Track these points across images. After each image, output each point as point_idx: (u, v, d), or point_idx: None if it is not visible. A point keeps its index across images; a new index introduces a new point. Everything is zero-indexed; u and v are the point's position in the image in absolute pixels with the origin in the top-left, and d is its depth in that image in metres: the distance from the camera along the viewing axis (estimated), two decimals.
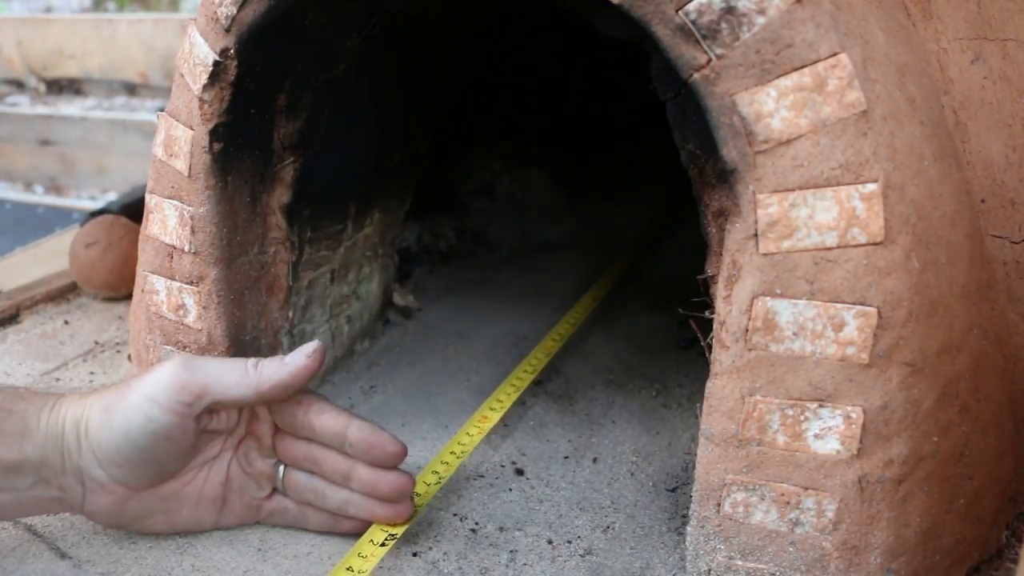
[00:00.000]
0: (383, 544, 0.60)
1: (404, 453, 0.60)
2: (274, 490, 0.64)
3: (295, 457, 0.62)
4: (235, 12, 0.63)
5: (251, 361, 0.59)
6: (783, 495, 0.54)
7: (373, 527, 0.61)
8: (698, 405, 0.58)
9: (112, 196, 1.64)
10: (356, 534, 0.61)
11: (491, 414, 0.74)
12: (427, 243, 1.15)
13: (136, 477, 0.58)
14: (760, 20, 0.49)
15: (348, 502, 0.61)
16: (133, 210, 1.02)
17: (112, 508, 0.59)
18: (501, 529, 0.66)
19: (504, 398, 0.77)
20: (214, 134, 0.67)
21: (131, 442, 0.56)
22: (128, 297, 0.98)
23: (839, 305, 0.51)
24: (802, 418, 0.53)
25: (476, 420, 0.73)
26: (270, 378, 0.58)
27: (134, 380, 0.58)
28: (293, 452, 0.62)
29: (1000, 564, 0.60)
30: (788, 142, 0.50)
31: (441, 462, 0.68)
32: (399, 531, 0.61)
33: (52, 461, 0.56)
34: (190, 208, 0.69)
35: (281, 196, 0.74)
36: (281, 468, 0.63)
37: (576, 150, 1.41)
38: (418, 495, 0.64)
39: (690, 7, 0.50)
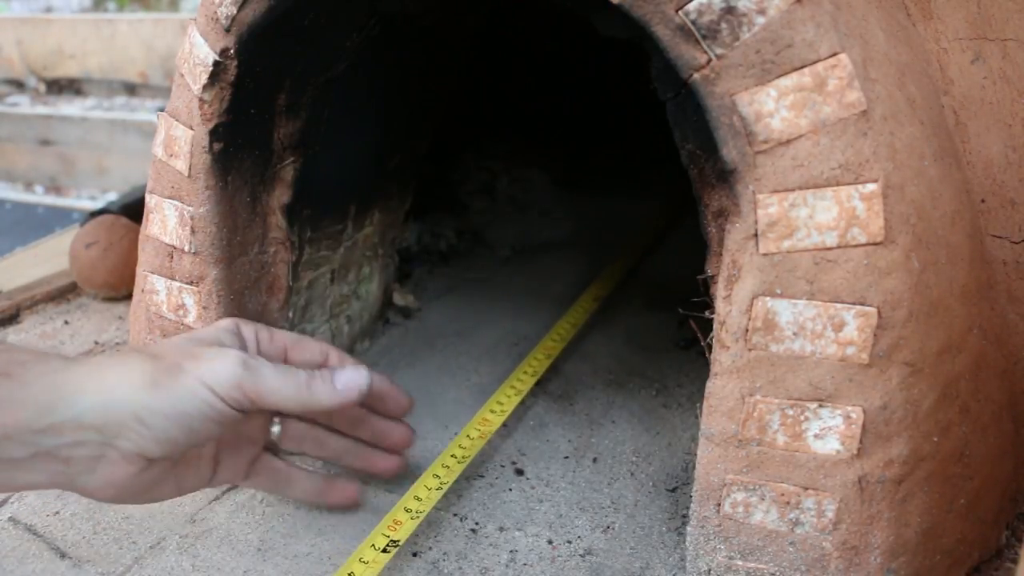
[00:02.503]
0: (385, 550, 0.59)
1: (413, 404, 0.67)
2: (264, 450, 0.63)
3: None
4: (235, 12, 0.63)
5: (303, 377, 0.58)
6: (783, 495, 0.54)
7: (375, 532, 0.61)
8: (698, 405, 0.58)
9: (112, 196, 1.64)
10: (341, 507, 0.62)
11: (492, 417, 0.74)
12: (427, 243, 1.15)
13: (167, 451, 0.56)
14: (760, 20, 0.49)
15: (347, 451, 0.62)
16: (133, 210, 1.02)
17: (127, 480, 0.56)
18: (501, 529, 0.66)
19: (505, 400, 0.77)
20: (214, 134, 0.67)
21: (184, 425, 0.54)
22: (128, 297, 0.98)
23: (839, 305, 0.51)
24: (802, 418, 0.53)
25: (477, 423, 0.73)
26: (320, 401, 0.58)
27: (185, 360, 0.56)
28: None
29: (1000, 564, 0.60)
30: (788, 142, 0.50)
31: (443, 466, 0.68)
32: (401, 537, 0.61)
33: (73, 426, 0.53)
34: (190, 208, 0.69)
35: (281, 196, 0.74)
36: (277, 422, 0.63)
37: (576, 149, 1.41)
38: (419, 500, 0.64)
39: (690, 7, 0.50)
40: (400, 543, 0.60)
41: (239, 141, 0.69)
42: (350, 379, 0.60)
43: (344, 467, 0.62)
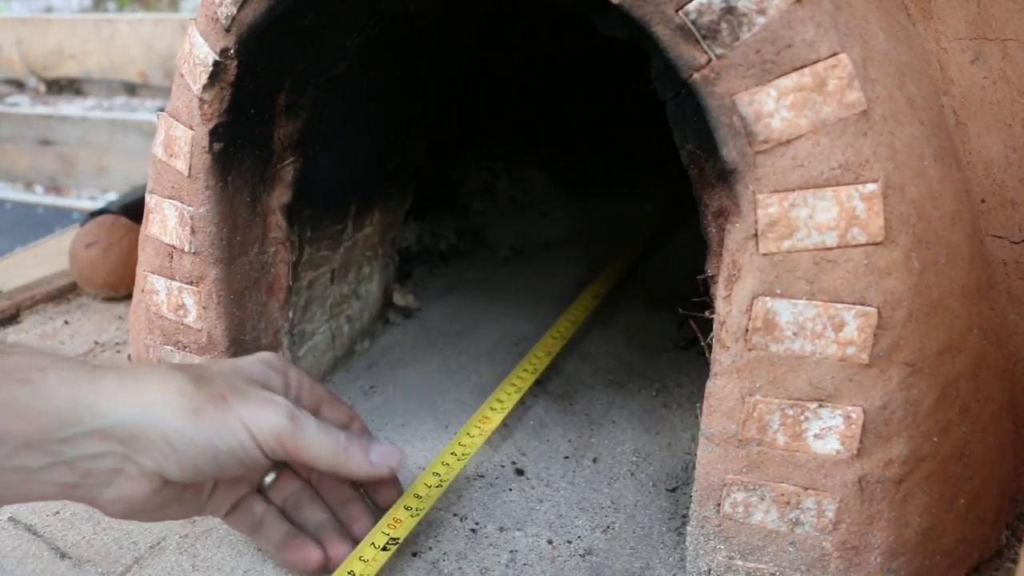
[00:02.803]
0: (385, 548, 0.59)
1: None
2: (250, 492, 0.62)
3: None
4: (235, 12, 0.63)
5: (342, 439, 0.58)
6: (783, 495, 0.54)
7: (374, 529, 0.61)
8: (698, 405, 0.58)
9: (112, 196, 1.64)
10: (296, 567, 0.60)
11: (492, 415, 0.74)
12: (427, 243, 1.15)
13: (187, 477, 0.55)
14: (760, 20, 0.49)
15: (317, 524, 0.61)
16: (133, 210, 1.02)
17: (141, 497, 0.55)
18: (501, 529, 0.66)
19: (505, 398, 0.77)
20: (214, 134, 0.67)
21: (212, 458, 0.54)
22: (128, 297, 0.98)
23: (839, 305, 0.51)
24: (802, 418, 0.53)
25: (477, 421, 0.73)
26: (351, 468, 0.58)
27: (231, 395, 0.55)
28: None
29: (1000, 564, 0.60)
30: (788, 142, 0.50)
31: (442, 463, 0.68)
32: (401, 535, 0.61)
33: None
34: (190, 208, 0.69)
35: (281, 196, 0.74)
36: (273, 472, 0.62)
37: (576, 149, 1.41)
38: (419, 497, 0.64)
39: (690, 7, 0.50)
40: (400, 541, 0.60)
41: (239, 141, 0.69)
42: (385, 454, 0.60)
43: (294, 547, 0.61)
